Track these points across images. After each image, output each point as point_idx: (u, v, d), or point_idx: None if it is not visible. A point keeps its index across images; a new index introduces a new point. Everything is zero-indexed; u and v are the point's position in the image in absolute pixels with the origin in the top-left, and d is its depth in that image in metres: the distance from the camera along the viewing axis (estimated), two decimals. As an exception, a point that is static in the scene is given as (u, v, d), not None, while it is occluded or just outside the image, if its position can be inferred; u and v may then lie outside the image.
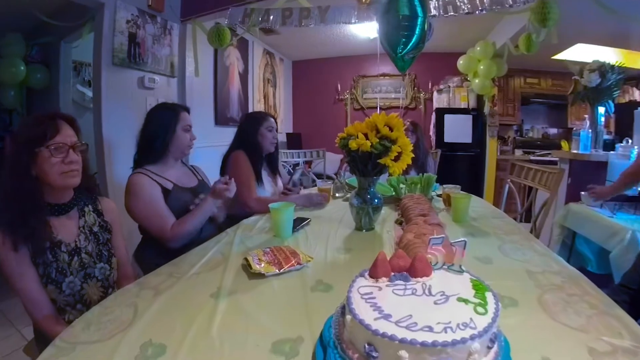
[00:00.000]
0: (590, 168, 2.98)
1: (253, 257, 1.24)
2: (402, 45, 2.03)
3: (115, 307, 0.99)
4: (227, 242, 1.54)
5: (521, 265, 1.37)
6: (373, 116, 1.61)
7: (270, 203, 1.69)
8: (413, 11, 1.96)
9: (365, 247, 1.54)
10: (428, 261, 0.89)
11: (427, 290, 0.81)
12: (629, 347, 0.89)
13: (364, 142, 1.54)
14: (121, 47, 3.05)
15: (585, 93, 3.19)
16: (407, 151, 1.59)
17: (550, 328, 0.96)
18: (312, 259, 1.32)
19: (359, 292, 0.79)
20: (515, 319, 0.98)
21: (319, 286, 1.14)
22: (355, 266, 1.24)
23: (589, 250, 2.54)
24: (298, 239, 1.60)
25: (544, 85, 6.01)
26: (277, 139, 2.39)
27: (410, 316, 0.70)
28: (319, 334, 0.84)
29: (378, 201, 1.72)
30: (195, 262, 1.30)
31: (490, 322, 0.70)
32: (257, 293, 1.09)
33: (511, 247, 1.55)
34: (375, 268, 0.86)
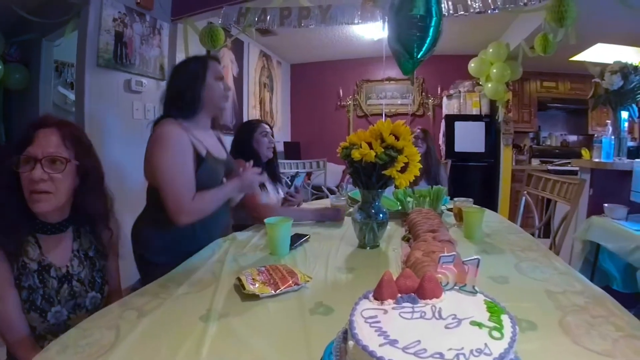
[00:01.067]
0: (614, 178, 2.99)
1: (247, 276, 1.22)
2: (417, 47, 2.06)
3: (95, 329, 0.97)
4: (219, 260, 1.52)
5: (540, 284, 1.37)
6: (378, 124, 1.60)
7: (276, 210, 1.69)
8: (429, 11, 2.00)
9: (370, 266, 1.53)
10: (438, 281, 0.88)
11: (437, 313, 0.80)
12: None
13: (368, 152, 1.53)
14: (107, 47, 3.05)
15: (607, 97, 3.20)
16: (414, 162, 1.58)
17: (573, 353, 0.96)
18: (311, 279, 1.31)
19: (362, 316, 0.78)
20: (535, 343, 0.98)
21: (318, 309, 1.13)
22: (358, 287, 1.23)
23: (613, 267, 2.55)
24: (296, 257, 1.59)
25: (562, 89, 6.07)
26: (273, 143, 2.44)
27: (418, 342, 0.70)
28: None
29: (383, 216, 1.72)
30: (184, 282, 1.29)
31: (507, 347, 0.69)
32: (251, 316, 1.08)
33: (529, 265, 1.55)
34: (381, 289, 0.85)
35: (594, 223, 2.68)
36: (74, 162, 1.15)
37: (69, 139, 1.16)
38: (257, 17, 3.13)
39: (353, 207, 1.90)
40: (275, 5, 3.11)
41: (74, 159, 1.16)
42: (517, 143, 6.03)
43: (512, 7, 2.83)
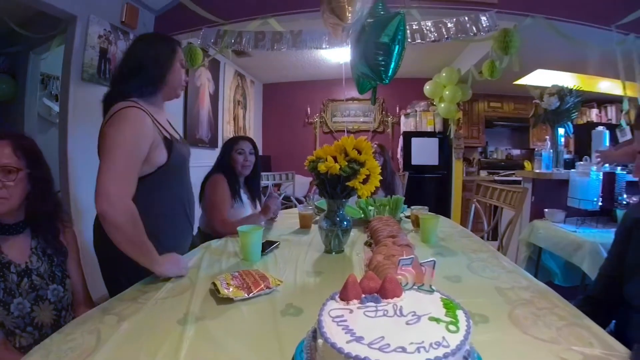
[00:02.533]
0: (553, 186, 3.07)
1: (221, 281, 1.20)
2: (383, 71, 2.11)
3: (77, 333, 0.93)
4: (194, 266, 1.49)
5: (490, 282, 1.39)
6: (342, 139, 1.61)
7: (236, 225, 1.65)
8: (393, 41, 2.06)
9: (335, 269, 1.53)
10: (398, 282, 0.89)
11: (398, 311, 0.80)
12: (599, 355, 0.92)
13: (333, 165, 1.54)
14: (91, 62, 2.98)
15: (546, 115, 3.31)
16: (375, 174, 1.60)
17: (522, 342, 0.98)
18: (282, 282, 1.30)
19: (330, 315, 0.78)
20: (487, 335, 0.99)
21: (289, 310, 1.11)
22: (325, 289, 1.22)
23: (554, 264, 2.63)
24: (267, 262, 1.57)
25: (507, 108, 6.28)
26: (250, 161, 2.35)
27: (382, 337, 0.70)
28: (290, 359, 0.82)
29: (347, 224, 1.72)
30: (161, 287, 1.25)
31: (462, 339, 0.70)
32: (226, 318, 1.05)
33: (480, 265, 1.57)
34: (346, 290, 0.85)
35: (536, 226, 2.77)
36: (25, 171, 1.18)
37: (20, 150, 1.18)
38: (234, 39, 3.13)
39: (319, 215, 1.88)
40: (250, 29, 3.13)
41: (25, 168, 1.18)
42: (467, 157, 6.19)
43: (463, 37, 2.93)
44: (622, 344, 0.96)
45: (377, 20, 2.10)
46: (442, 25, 2.96)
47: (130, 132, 1.33)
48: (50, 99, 4.22)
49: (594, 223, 2.60)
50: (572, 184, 2.81)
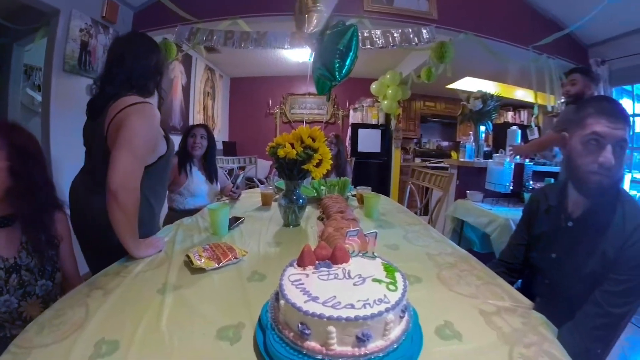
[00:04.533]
0: (474, 172, 3.20)
1: (194, 253, 1.17)
2: (338, 71, 2.12)
3: (67, 308, 0.88)
4: (169, 241, 1.43)
5: (422, 249, 1.44)
6: (299, 129, 1.62)
7: None
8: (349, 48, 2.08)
9: (293, 240, 1.53)
10: (346, 250, 0.90)
11: (347, 274, 0.82)
12: (509, 306, 0.98)
13: (291, 151, 1.54)
14: (73, 54, 2.77)
15: (471, 115, 3.43)
16: (327, 159, 1.61)
17: (448, 297, 1.03)
18: (247, 253, 1.29)
19: (289, 280, 0.79)
20: (420, 292, 1.04)
21: (254, 276, 1.11)
22: (285, 257, 1.22)
23: (474, 235, 2.75)
24: (234, 236, 1.55)
25: (439, 107, 6.47)
26: (201, 144, 2.42)
27: (334, 297, 0.71)
28: (257, 318, 0.82)
29: (302, 201, 1.72)
30: (141, 261, 1.20)
31: (400, 296, 0.73)
32: (200, 286, 1.04)
33: (414, 236, 1.62)
34: (302, 258, 0.86)
35: (460, 204, 2.89)
36: (5, 163, 1.01)
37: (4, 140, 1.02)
38: (205, 36, 3.02)
39: (279, 194, 1.87)
40: (221, 28, 3.03)
41: (6, 160, 1.01)
42: (405, 146, 6.33)
43: (406, 46, 2.98)
44: (527, 298, 1.04)
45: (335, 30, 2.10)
46: (389, 34, 2.99)
47: (149, 124, 1.30)
48: (33, 89, 3.84)
49: (505, 203, 2.75)
50: (489, 171, 2.94)
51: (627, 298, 0.98)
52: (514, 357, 0.77)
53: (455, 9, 3.24)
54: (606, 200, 1.09)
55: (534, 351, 0.79)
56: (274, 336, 0.72)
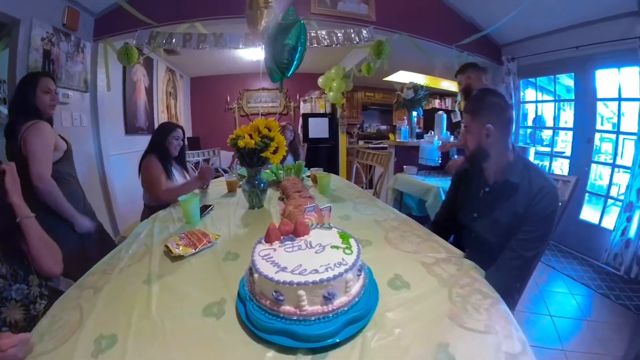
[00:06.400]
0: (409, 150, 3.32)
1: (172, 243, 1.13)
2: (286, 67, 2.06)
3: (62, 312, 0.82)
4: (148, 234, 1.36)
5: (370, 217, 1.49)
6: (255, 121, 1.59)
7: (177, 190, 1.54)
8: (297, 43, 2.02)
9: (259, 220, 1.52)
10: (306, 224, 0.91)
11: (308, 244, 0.83)
12: (445, 257, 1.05)
13: (250, 141, 1.51)
14: (36, 63, 2.42)
15: (404, 103, 3.51)
16: (282, 146, 1.60)
17: (395, 255, 1.08)
18: (220, 236, 1.26)
19: (260, 255, 0.79)
20: (372, 253, 1.08)
21: (228, 256, 1.09)
22: (253, 236, 1.22)
23: (412, 202, 2.87)
24: (206, 222, 1.50)
25: (378, 97, 6.55)
26: (181, 145, 2.21)
27: (300, 265, 0.73)
28: (236, 293, 0.81)
29: (264, 185, 1.71)
30: (123, 257, 1.13)
31: (356, 258, 0.75)
32: (181, 272, 1.01)
33: (362, 207, 1.67)
34: (269, 235, 0.86)
35: (399, 178, 2.98)
36: None
37: None
38: (165, 39, 2.80)
39: (242, 181, 1.83)
40: (179, 31, 2.83)
41: None
42: (349, 131, 6.38)
43: (348, 44, 2.98)
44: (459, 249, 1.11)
45: (283, 27, 2.03)
46: (333, 34, 2.98)
47: (47, 135, 1.52)
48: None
49: (436, 174, 2.88)
50: (422, 149, 3.06)
51: (536, 243, 1.09)
52: (452, 297, 0.83)
53: (391, 12, 3.29)
54: (514, 169, 1.18)
55: (468, 290, 0.86)
56: (253, 306, 0.72)
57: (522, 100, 3.87)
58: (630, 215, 2.68)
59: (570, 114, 3.36)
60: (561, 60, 3.25)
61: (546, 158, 3.61)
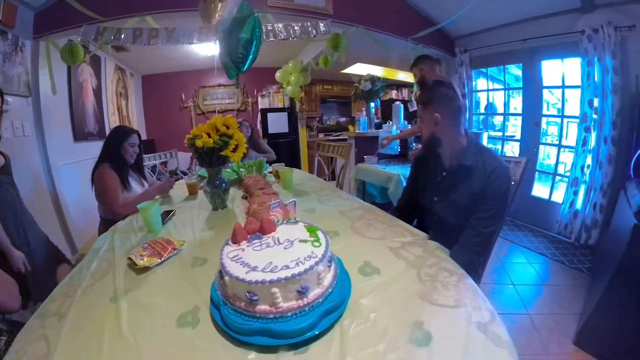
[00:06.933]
0: (368, 141, 3.39)
1: (135, 255, 1.06)
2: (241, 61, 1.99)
3: (27, 346, 0.72)
4: (108, 248, 1.24)
5: (335, 208, 1.50)
6: (213, 118, 1.54)
7: (135, 202, 1.44)
8: (252, 36, 1.95)
9: (224, 222, 1.47)
10: (272, 221, 0.90)
11: (276, 241, 0.82)
12: (410, 241, 1.09)
13: (208, 140, 1.46)
14: None
15: (362, 94, 3.59)
16: (242, 143, 1.55)
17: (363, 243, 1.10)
18: (185, 242, 1.21)
19: (228, 257, 0.77)
20: (340, 243, 1.09)
21: (196, 262, 1.05)
22: (220, 238, 1.18)
23: (374, 190, 2.93)
24: (169, 229, 1.42)
25: (336, 89, 6.57)
26: (137, 152, 2.03)
27: (270, 262, 0.72)
28: (209, 299, 0.78)
29: (225, 185, 1.66)
30: (85, 276, 1.02)
31: (325, 250, 0.76)
32: (149, 284, 0.94)
33: (326, 199, 1.68)
34: (235, 235, 0.84)
35: (360, 168, 3.03)
36: None
37: None
38: (113, 35, 2.53)
39: (203, 182, 1.76)
40: (129, 26, 2.59)
41: None
42: (309, 124, 6.37)
43: (305, 37, 2.94)
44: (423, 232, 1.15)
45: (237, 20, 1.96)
46: (290, 27, 2.91)
47: None
48: None
49: (396, 162, 2.96)
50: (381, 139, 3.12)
51: (493, 220, 1.16)
52: (421, 277, 0.87)
53: (347, 5, 3.30)
54: (468, 153, 1.24)
55: (435, 269, 0.90)
56: (228, 310, 0.71)
57: (475, 89, 4.12)
58: (576, 190, 3.00)
59: (519, 101, 3.65)
60: (510, 52, 3.50)
61: (498, 142, 3.88)
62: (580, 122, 2.95)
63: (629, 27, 2.54)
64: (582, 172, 2.96)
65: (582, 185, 2.98)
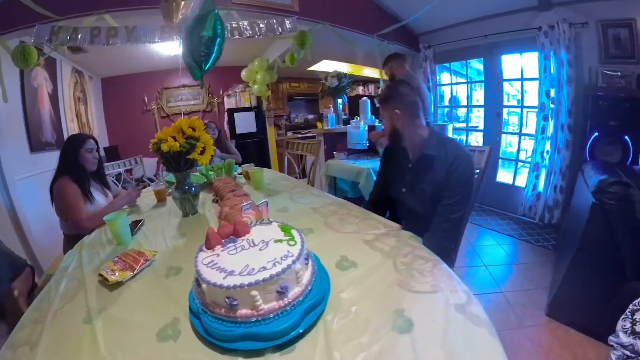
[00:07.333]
0: (337, 137, 3.38)
1: (106, 270, 0.99)
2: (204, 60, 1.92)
3: None
4: (76, 266, 1.15)
5: (307, 205, 1.50)
6: (178, 121, 1.48)
7: (101, 214, 1.35)
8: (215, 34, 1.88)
9: (196, 227, 1.42)
10: (245, 223, 0.89)
11: (251, 243, 0.81)
12: (384, 232, 1.11)
13: (174, 144, 1.40)
14: None
15: (329, 91, 3.59)
16: (209, 145, 1.51)
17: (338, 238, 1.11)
18: (157, 252, 1.15)
19: (203, 264, 0.75)
20: (316, 240, 1.09)
21: (171, 272, 1.01)
22: (193, 245, 1.15)
23: (345, 185, 2.96)
24: (139, 239, 1.34)
25: (303, 87, 6.56)
26: (97, 157, 1.89)
27: (247, 265, 0.71)
28: (188, 308, 0.76)
29: (195, 189, 1.60)
30: (54, 298, 0.94)
31: (301, 248, 0.76)
32: (124, 300, 0.89)
33: (298, 196, 1.68)
34: (209, 241, 0.82)
35: (330, 164, 3.04)
36: None
37: None
38: (69, 35, 2.30)
39: (171, 188, 1.68)
40: (86, 25, 2.39)
41: None
42: (277, 123, 6.31)
43: (271, 35, 2.89)
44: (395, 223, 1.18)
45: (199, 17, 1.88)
46: (255, 25, 2.84)
47: None
48: None
49: (365, 156, 3.00)
50: (349, 134, 3.15)
51: (459, 206, 1.21)
52: (397, 266, 0.89)
53: (313, 2, 3.28)
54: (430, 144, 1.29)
55: (410, 258, 0.93)
56: (208, 318, 0.69)
57: (439, 83, 4.32)
58: (538, 174, 3.25)
59: (481, 93, 3.86)
60: (472, 47, 3.70)
61: (463, 133, 4.09)
62: (538, 111, 3.17)
63: (582, 24, 2.78)
64: (542, 157, 3.20)
65: (542, 170, 3.21)
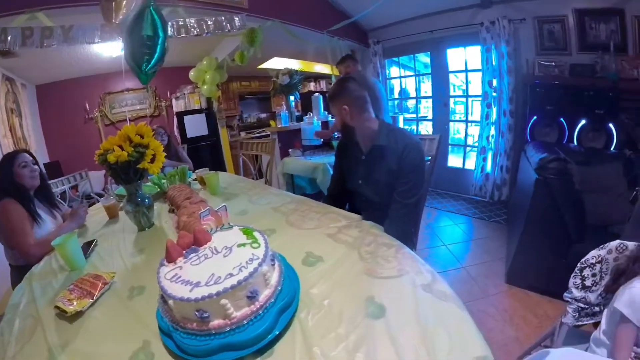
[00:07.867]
0: (291, 134, 3.39)
1: (62, 301, 0.89)
2: (146, 61, 1.80)
3: None
4: (29, 301, 1.01)
5: (267, 206, 1.50)
6: (124, 128, 1.36)
7: (51, 239, 1.22)
8: (155, 32, 1.75)
9: (154, 241, 1.34)
10: (205, 230, 0.87)
11: (214, 250, 0.79)
12: (346, 224, 1.15)
13: (121, 154, 1.29)
14: None
15: (281, 89, 3.57)
16: (159, 152, 1.40)
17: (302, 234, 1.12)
18: (115, 273, 1.06)
19: (167, 279, 0.72)
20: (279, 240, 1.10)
21: (133, 292, 0.94)
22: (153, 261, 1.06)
23: (303, 182, 2.96)
24: (94, 262, 1.22)
25: (254, 85, 6.44)
26: (37, 170, 1.68)
27: (213, 274, 0.69)
28: (158, 329, 0.72)
29: (148, 201, 1.48)
30: (9, 341, 0.81)
31: (265, 249, 0.76)
32: (87, 331, 0.80)
33: (257, 198, 1.66)
34: (169, 254, 0.78)
35: (286, 162, 3.02)
36: None
37: None
38: None
39: (123, 202, 1.54)
40: (16, 25, 2.11)
41: None
42: (229, 124, 6.12)
43: (219, 32, 2.79)
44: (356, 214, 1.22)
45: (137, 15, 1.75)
46: (203, 22, 2.72)
47: None
48: None
49: (320, 152, 3.02)
50: (303, 131, 3.15)
51: (413, 191, 1.27)
52: (363, 255, 0.92)
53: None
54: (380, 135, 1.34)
55: (374, 246, 0.97)
56: (180, 335, 0.66)
57: (388, 77, 4.53)
58: (485, 156, 3.60)
59: (429, 85, 4.13)
60: (419, 42, 3.94)
61: (413, 123, 4.36)
62: (482, 100, 3.49)
63: (520, 20, 3.09)
64: (487, 141, 3.53)
65: (489, 152, 3.55)
